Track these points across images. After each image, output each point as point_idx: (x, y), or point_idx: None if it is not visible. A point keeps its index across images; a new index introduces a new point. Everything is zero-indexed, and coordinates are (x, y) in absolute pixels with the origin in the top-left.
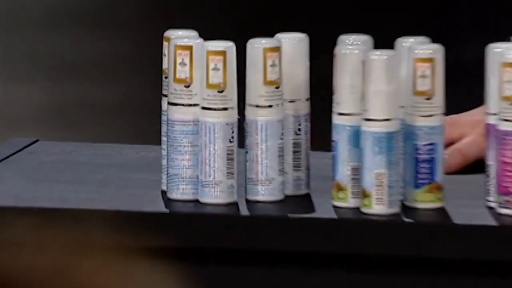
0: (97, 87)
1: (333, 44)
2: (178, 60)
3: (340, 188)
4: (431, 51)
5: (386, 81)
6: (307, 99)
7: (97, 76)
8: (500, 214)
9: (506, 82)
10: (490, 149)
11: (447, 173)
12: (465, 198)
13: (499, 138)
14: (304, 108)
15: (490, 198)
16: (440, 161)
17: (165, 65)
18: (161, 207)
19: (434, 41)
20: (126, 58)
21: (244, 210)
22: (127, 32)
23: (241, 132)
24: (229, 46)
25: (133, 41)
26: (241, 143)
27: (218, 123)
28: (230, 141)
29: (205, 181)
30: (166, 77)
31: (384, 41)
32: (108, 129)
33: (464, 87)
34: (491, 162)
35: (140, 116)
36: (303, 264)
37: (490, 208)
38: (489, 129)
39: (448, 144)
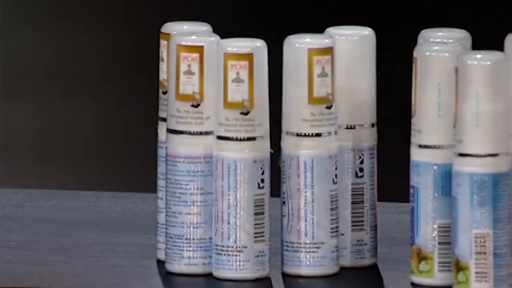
0: (62, 106)
1: (411, 42)
2: (183, 68)
3: (422, 257)
4: None
5: (491, 98)
6: (373, 125)
7: (62, 91)
8: None
9: None
10: None
11: None
12: None
13: None
14: (368, 137)
15: None
16: None
17: (162, 75)
18: (157, 285)
19: None
20: (106, 64)
21: None
22: (104, 26)
23: (276, 174)
24: (257, 47)
25: (117, 38)
26: (276, 190)
27: (242, 160)
28: (260, 187)
29: (222, 247)
30: (164, 93)
31: (487, 39)
32: (78, 170)
33: None
34: None
35: (126, 150)
36: None
37: None
38: None
39: None
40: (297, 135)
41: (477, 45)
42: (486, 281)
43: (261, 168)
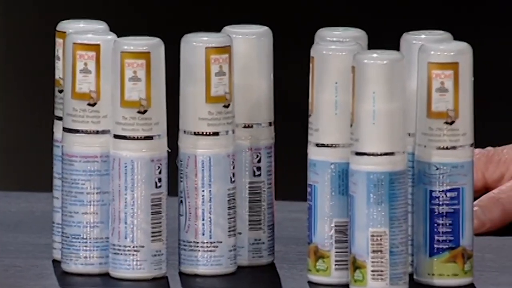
0: None
1: (309, 41)
2: (79, 66)
3: (319, 256)
4: (453, 53)
5: (387, 97)
6: (270, 124)
7: None
8: None
9: None
10: None
11: (479, 234)
12: (506, 271)
13: None
14: (266, 136)
15: None
16: (468, 216)
17: (58, 74)
18: (53, 285)
19: (458, 37)
20: (1, 62)
21: None
22: None
23: (174, 173)
24: (154, 46)
25: (11, 35)
26: (173, 189)
27: (139, 159)
28: (157, 186)
29: (119, 246)
30: (60, 91)
31: (383, 38)
32: None
33: (504, 107)
34: None
35: (22, 148)
36: None
37: None
38: None
39: (480, 191)
40: (195, 134)
41: (373, 44)
42: (382, 279)
43: (158, 167)
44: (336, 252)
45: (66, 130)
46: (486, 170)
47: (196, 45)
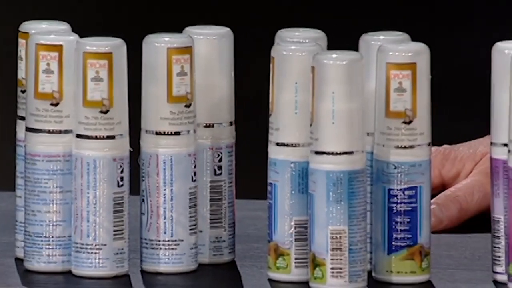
0: None
1: (269, 42)
2: (42, 67)
3: (279, 253)
4: (411, 53)
5: (347, 97)
6: (231, 123)
7: None
8: None
9: None
10: (498, 196)
11: (436, 232)
12: (462, 268)
13: (510, 180)
14: (227, 135)
15: (499, 269)
16: (426, 214)
17: (21, 74)
18: (16, 284)
19: (415, 38)
20: None
21: (139, 287)
22: None
23: (136, 172)
24: (117, 46)
25: None
26: (135, 188)
27: (101, 158)
28: (119, 185)
29: (81, 244)
30: (23, 91)
31: (342, 38)
32: None
33: (461, 106)
34: (499, 215)
35: None
36: None
37: (499, 283)
38: (497, 167)
39: (437, 188)
40: (156, 133)
41: (332, 45)
42: (341, 276)
43: (120, 166)
44: (296, 250)
45: (29, 129)
46: (442, 168)
47: (158, 45)
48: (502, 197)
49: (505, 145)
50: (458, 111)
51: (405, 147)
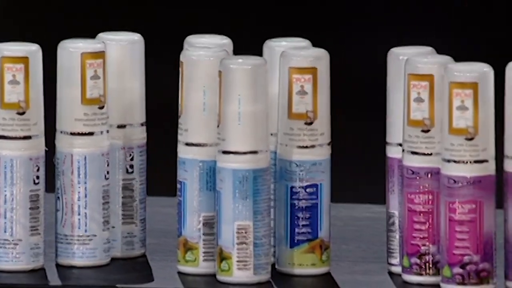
0: None
1: (178, 47)
2: None
3: (188, 248)
4: (312, 58)
5: (252, 99)
6: (142, 124)
7: None
8: (407, 283)
9: (415, 101)
10: (393, 192)
11: None
12: (360, 260)
13: (404, 177)
14: (138, 136)
15: (394, 261)
16: (326, 210)
17: None
18: None
19: (316, 44)
20: None
21: (54, 280)
22: None
23: (51, 170)
24: (33, 51)
25: None
26: (51, 186)
27: (18, 158)
28: (35, 183)
29: None
30: None
31: (247, 44)
32: None
33: (359, 108)
34: (394, 211)
35: None
36: None
37: (394, 274)
38: (392, 165)
39: None
40: (71, 134)
41: (238, 50)
42: (247, 269)
43: (37, 165)
44: (204, 244)
45: None
46: None
47: (72, 50)
48: (397, 194)
49: (400, 144)
50: (356, 113)
51: (306, 147)
